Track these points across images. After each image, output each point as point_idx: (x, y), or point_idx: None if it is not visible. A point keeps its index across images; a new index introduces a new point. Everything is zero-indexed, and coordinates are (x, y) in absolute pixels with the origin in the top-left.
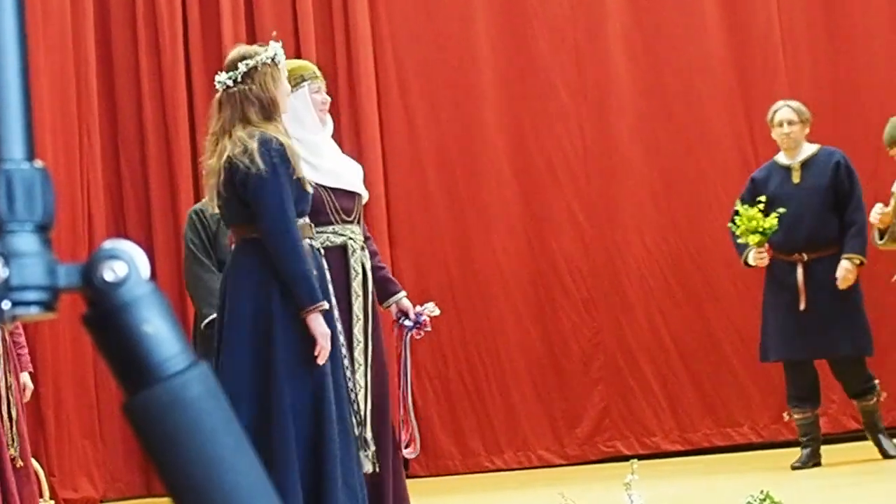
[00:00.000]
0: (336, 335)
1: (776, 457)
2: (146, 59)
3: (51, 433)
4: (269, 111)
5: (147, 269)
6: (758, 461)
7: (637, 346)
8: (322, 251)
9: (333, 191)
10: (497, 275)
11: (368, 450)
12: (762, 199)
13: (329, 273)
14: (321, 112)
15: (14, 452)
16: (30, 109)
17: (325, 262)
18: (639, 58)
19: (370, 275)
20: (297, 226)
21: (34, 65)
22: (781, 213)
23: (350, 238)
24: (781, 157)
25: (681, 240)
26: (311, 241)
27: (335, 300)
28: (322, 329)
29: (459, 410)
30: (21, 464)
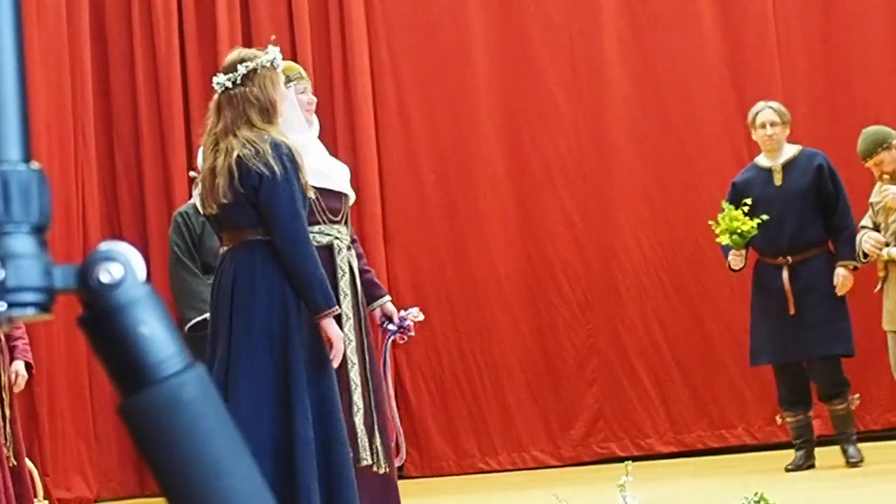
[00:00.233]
0: None
1: (770, 459)
2: (141, 59)
3: (45, 432)
4: (269, 114)
5: (143, 271)
6: (752, 463)
7: (631, 348)
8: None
9: (320, 191)
10: (492, 276)
11: (368, 447)
12: (748, 202)
13: None
14: (307, 112)
15: (8, 451)
16: (27, 110)
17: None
18: (634, 60)
19: (357, 274)
20: None
21: (29, 65)
22: (764, 220)
23: (336, 238)
24: (762, 160)
25: (675, 241)
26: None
27: None
28: (337, 332)
29: (454, 411)
30: (14, 463)
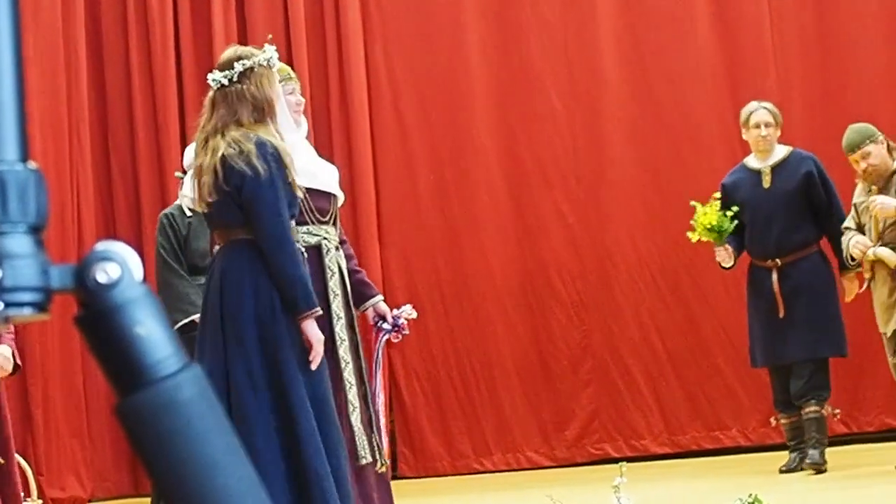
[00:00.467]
0: (326, 338)
1: (764, 460)
2: (137, 59)
3: (39, 432)
4: (263, 113)
5: (140, 271)
6: (746, 464)
7: (626, 349)
8: (305, 254)
9: (309, 191)
10: (487, 277)
11: (368, 445)
12: (735, 209)
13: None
14: (296, 113)
15: None
16: (24, 110)
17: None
18: (629, 61)
19: (346, 275)
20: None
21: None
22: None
23: (324, 238)
24: (752, 161)
25: (670, 242)
26: (301, 246)
27: None
28: (317, 334)
29: (448, 412)
30: (2, 461)
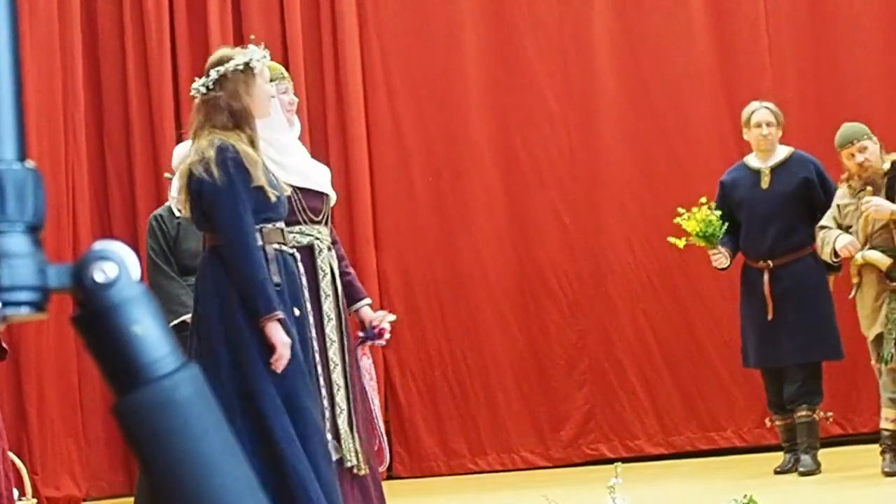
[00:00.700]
0: (307, 339)
1: (759, 461)
2: (133, 60)
3: (34, 431)
4: (238, 119)
5: (137, 271)
6: (741, 465)
7: (621, 350)
8: (297, 255)
9: (302, 191)
10: (482, 277)
11: (353, 449)
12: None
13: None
14: (288, 112)
15: None
16: (22, 109)
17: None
18: (625, 62)
19: (338, 275)
20: (261, 233)
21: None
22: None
23: (317, 238)
24: (752, 160)
25: (666, 243)
26: (283, 247)
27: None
28: (280, 338)
29: (444, 412)
30: None
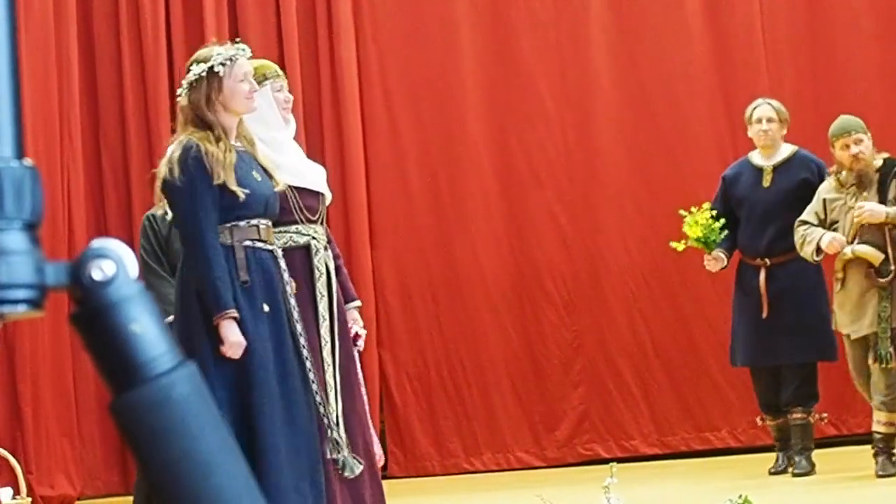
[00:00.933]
0: (282, 336)
1: (754, 461)
2: (128, 59)
3: (29, 430)
4: (208, 121)
5: (135, 269)
6: (736, 465)
7: (617, 350)
8: (281, 253)
9: (298, 190)
10: (478, 277)
11: (342, 451)
12: (722, 222)
13: (291, 273)
14: (284, 111)
15: None
16: (20, 107)
17: (284, 263)
18: (622, 63)
19: (333, 275)
20: (231, 230)
21: None
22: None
23: (313, 238)
24: (756, 157)
25: (662, 244)
26: (260, 244)
27: (299, 301)
28: (232, 337)
29: (439, 411)
30: None
